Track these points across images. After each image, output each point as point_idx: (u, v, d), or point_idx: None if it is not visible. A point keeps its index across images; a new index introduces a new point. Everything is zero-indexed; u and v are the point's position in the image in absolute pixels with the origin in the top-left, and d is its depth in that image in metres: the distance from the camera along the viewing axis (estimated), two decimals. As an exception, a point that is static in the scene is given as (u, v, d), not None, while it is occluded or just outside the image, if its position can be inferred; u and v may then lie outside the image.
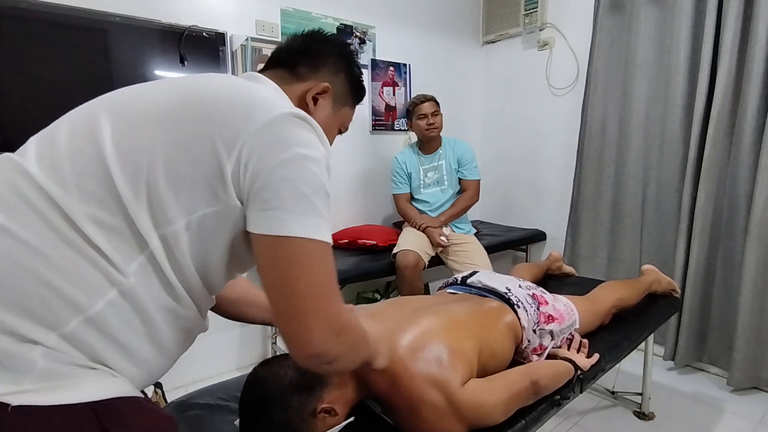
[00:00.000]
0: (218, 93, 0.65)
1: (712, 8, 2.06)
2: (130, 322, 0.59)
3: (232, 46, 2.16)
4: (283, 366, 0.90)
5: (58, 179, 0.58)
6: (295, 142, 0.62)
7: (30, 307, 0.53)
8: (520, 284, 1.37)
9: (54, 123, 0.66)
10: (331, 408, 0.89)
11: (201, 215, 0.61)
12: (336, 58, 0.83)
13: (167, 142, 0.60)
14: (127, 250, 0.58)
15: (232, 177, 0.60)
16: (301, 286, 0.61)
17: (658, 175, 2.36)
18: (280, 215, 0.60)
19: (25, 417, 0.52)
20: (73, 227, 0.56)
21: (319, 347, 0.62)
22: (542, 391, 1.09)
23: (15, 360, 0.53)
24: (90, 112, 0.65)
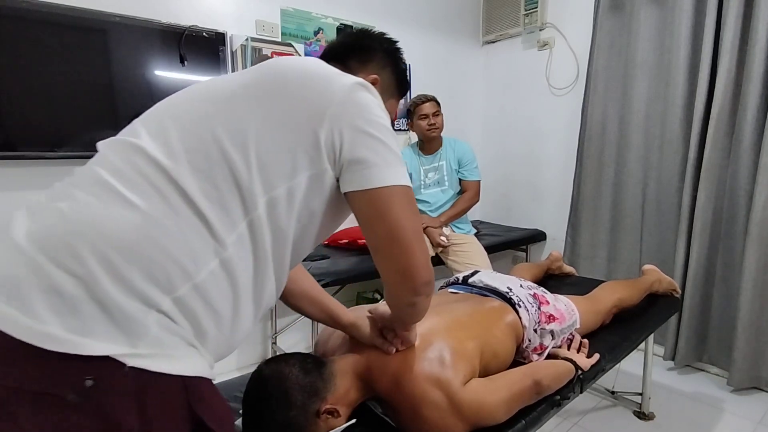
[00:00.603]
0: (300, 70, 0.73)
1: (712, 8, 2.07)
2: (224, 290, 0.64)
3: (232, 46, 2.16)
4: (289, 364, 0.90)
5: (172, 156, 0.64)
6: (371, 106, 0.72)
7: (153, 272, 0.58)
8: (521, 284, 1.37)
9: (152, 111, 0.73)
10: (334, 409, 0.90)
11: (299, 179, 0.68)
12: (383, 54, 0.91)
13: (266, 115, 0.67)
14: (230, 221, 0.64)
15: (324, 143, 0.68)
16: (408, 227, 0.71)
17: (658, 175, 2.36)
18: (380, 169, 0.69)
19: (137, 378, 0.56)
20: (185, 200, 0.62)
21: (428, 275, 0.74)
22: (544, 390, 1.09)
23: (135, 324, 0.57)
24: (188, 99, 0.72)
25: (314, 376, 0.89)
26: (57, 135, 1.73)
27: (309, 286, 1.04)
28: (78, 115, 1.76)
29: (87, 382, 0.54)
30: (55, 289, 0.55)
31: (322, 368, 0.93)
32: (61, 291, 0.55)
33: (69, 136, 1.75)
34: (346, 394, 0.94)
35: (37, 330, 0.53)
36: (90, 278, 0.56)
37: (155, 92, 1.91)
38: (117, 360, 0.55)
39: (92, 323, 0.55)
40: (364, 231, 0.73)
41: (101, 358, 0.54)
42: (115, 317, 0.56)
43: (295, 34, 2.38)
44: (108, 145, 0.69)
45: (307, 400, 0.87)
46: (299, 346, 2.54)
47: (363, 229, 0.73)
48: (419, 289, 0.75)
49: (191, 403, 0.61)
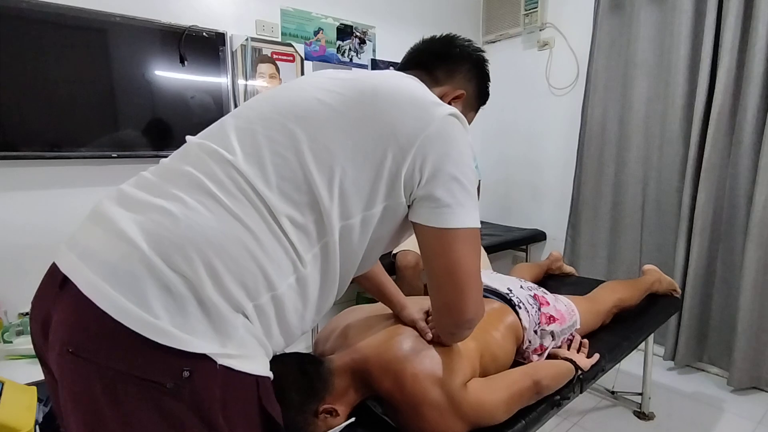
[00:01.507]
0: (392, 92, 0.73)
1: (712, 8, 2.07)
2: (296, 304, 0.70)
3: (232, 46, 2.16)
4: (287, 364, 0.90)
5: (265, 180, 0.67)
6: (460, 143, 0.73)
7: (243, 278, 0.63)
8: (521, 285, 1.37)
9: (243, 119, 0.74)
10: (332, 408, 0.90)
11: (375, 211, 0.72)
12: (471, 66, 0.91)
13: (354, 144, 0.69)
14: (308, 243, 0.69)
15: (405, 177, 0.70)
16: (466, 268, 0.74)
17: (658, 175, 2.36)
18: (452, 211, 0.71)
19: (225, 376, 0.61)
20: (274, 219, 0.66)
21: (472, 314, 0.78)
22: (544, 390, 1.09)
23: (227, 326, 0.62)
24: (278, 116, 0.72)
25: (311, 376, 0.89)
26: (57, 135, 1.73)
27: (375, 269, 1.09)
28: (78, 115, 1.76)
29: (185, 373, 0.59)
30: (168, 288, 0.60)
31: (320, 368, 0.93)
32: (172, 290, 0.60)
33: (69, 136, 1.75)
34: (345, 394, 0.94)
35: (150, 323, 0.58)
36: (197, 281, 0.61)
37: (155, 92, 1.91)
38: (212, 358, 0.60)
39: (195, 322, 0.60)
40: (423, 259, 0.77)
41: (199, 354, 0.60)
42: (213, 319, 0.61)
43: (295, 34, 2.38)
44: (206, 152, 0.71)
45: (305, 400, 0.87)
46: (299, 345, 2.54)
47: (423, 258, 0.77)
48: (462, 324, 0.80)
49: (262, 399, 0.66)
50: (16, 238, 1.72)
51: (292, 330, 0.72)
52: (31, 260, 1.74)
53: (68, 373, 0.60)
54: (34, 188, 1.75)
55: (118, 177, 1.92)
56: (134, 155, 1.91)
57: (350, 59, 2.59)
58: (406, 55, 0.93)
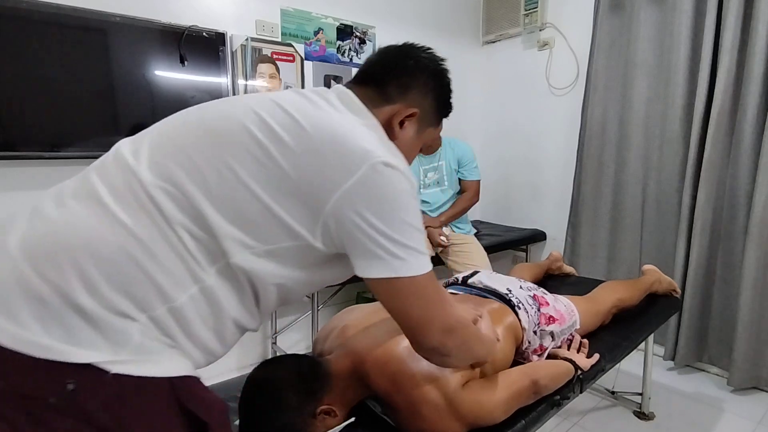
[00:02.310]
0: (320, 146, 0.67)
1: (712, 8, 2.06)
2: (204, 316, 0.66)
3: (232, 46, 2.16)
4: (283, 366, 0.90)
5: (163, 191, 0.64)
6: (387, 192, 0.67)
7: (130, 290, 0.60)
8: (521, 285, 1.37)
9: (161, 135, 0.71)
10: (330, 409, 0.89)
11: (282, 246, 0.68)
12: (426, 79, 0.84)
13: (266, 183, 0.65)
14: (210, 257, 0.65)
15: (322, 227, 0.67)
16: (416, 311, 0.72)
17: (658, 175, 2.36)
18: (385, 263, 0.67)
19: (120, 383, 0.58)
20: (170, 228, 0.63)
21: (434, 343, 0.75)
22: (542, 390, 1.09)
23: (117, 333, 0.59)
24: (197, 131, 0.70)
25: (309, 378, 0.89)
26: (57, 135, 1.73)
27: None
28: (78, 115, 1.76)
29: (68, 386, 0.56)
30: (40, 299, 0.57)
31: (318, 369, 0.93)
32: (46, 300, 0.57)
33: (69, 137, 1.75)
34: (343, 394, 0.93)
35: (20, 336, 0.55)
36: (69, 289, 0.58)
37: (155, 92, 1.91)
38: (100, 367, 0.57)
39: (76, 332, 0.57)
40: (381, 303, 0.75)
41: (84, 365, 0.56)
42: (98, 327, 0.58)
43: (295, 34, 2.38)
44: (115, 156, 0.70)
45: (303, 401, 0.87)
46: (299, 346, 2.54)
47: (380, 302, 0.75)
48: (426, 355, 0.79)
49: (181, 400, 0.63)
50: (16, 238, 1.72)
51: (208, 344, 0.68)
52: (31, 260, 1.74)
53: None
54: (34, 188, 1.75)
55: (118, 177, 1.92)
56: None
57: (350, 59, 2.59)
58: (362, 65, 0.85)
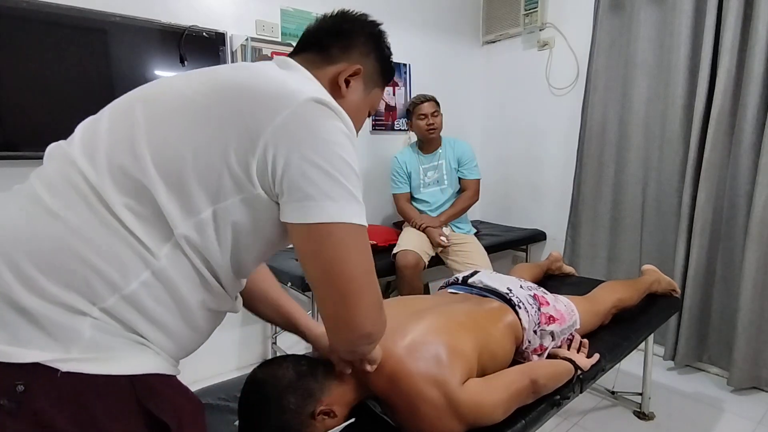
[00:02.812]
0: (247, 85, 0.65)
1: (712, 8, 2.06)
2: (163, 301, 0.62)
3: (232, 46, 2.16)
4: (282, 367, 0.90)
5: (97, 169, 0.62)
6: (321, 129, 0.63)
7: (74, 283, 0.58)
8: (521, 284, 1.37)
9: (100, 111, 0.70)
10: (330, 410, 0.89)
11: (226, 204, 0.63)
12: (366, 38, 0.83)
13: (196, 134, 0.62)
14: (158, 235, 0.61)
15: (257, 169, 0.62)
16: (347, 271, 0.64)
17: (658, 175, 2.36)
18: (317, 203, 0.62)
19: (73, 382, 0.56)
20: (111, 213, 0.60)
21: (369, 327, 0.68)
22: (542, 390, 1.09)
23: (65, 330, 0.57)
24: (128, 105, 0.68)
25: (308, 378, 0.89)
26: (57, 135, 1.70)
27: (268, 286, 0.98)
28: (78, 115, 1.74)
29: (18, 388, 0.54)
30: None
31: (317, 369, 0.93)
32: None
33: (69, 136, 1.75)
34: (342, 395, 0.93)
35: None
36: (6, 288, 0.56)
37: (155, 92, 1.91)
38: (49, 366, 0.56)
39: (20, 332, 0.56)
40: (302, 266, 0.67)
41: (32, 364, 0.55)
42: (43, 325, 0.56)
43: (295, 34, 2.38)
44: (50, 153, 0.68)
45: (301, 402, 0.87)
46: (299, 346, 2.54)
47: (301, 264, 0.67)
48: (356, 342, 0.69)
49: (141, 400, 0.60)
50: (16, 238, 1.72)
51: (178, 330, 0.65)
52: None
53: None
54: (34, 188, 1.75)
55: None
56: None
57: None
58: (300, 36, 0.85)
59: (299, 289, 2.08)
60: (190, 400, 0.69)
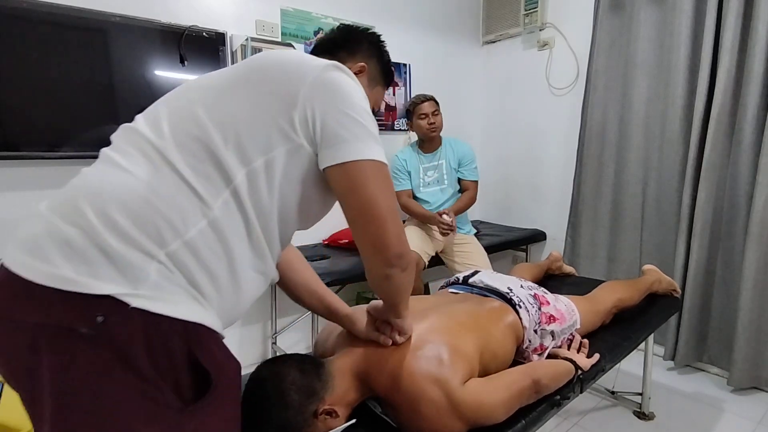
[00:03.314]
0: (279, 59, 0.80)
1: (712, 8, 2.07)
2: (216, 250, 0.71)
3: (232, 46, 2.16)
4: (286, 365, 0.90)
5: (162, 136, 0.73)
6: (343, 86, 0.78)
7: (146, 228, 0.66)
8: (521, 284, 1.37)
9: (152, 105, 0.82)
10: (332, 410, 0.90)
11: (276, 153, 0.74)
12: (368, 45, 0.99)
13: (245, 99, 0.75)
14: (213, 190, 0.71)
15: (299, 120, 0.74)
16: (378, 200, 0.76)
17: (658, 175, 2.36)
18: (350, 146, 0.75)
19: (140, 318, 0.63)
20: (173, 170, 0.70)
21: (399, 248, 0.79)
22: (543, 390, 1.09)
23: (135, 269, 0.65)
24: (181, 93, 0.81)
25: (311, 378, 0.89)
26: (57, 135, 1.73)
27: (308, 276, 1.08)
28: (78, 115, 1.76)
29: (98, 318, 0.62)
30: (65, 240, 0.64)
31: (320, 369, 0.93)
32: (70, 241, 0.64)
33: (69, 136, 1.75)
34: (345, 395, 0.93)
35: (53, 273, 0.62)
36: (90, 229, 0.65)
37: (155, 92, 1.91)
38: (121, 300, 0.63)
39: (98, 268, 0.63)
40: (341, 206, 0.79)
41: (108, 297, 0.62)
42: (118, 263, 0.64)
43: (295, 34, 2.38)
44: (116, 133, 0.79)
45: (305, 401, 0.87)
46: (299, 346, 2.54)
47: (340, 204, 0.79)
48: (391, 260, 0.80)
49: (190, 346, 0.66)
50: (16, 238, 1.72)
51: (222, 282, 0.72)
52: (31, 260, 1.74)
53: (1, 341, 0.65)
54: (34, 188, 1.75)
55: (118, 177, 1.92)
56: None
57: (350, 59, 2.59)
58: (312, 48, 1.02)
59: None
60: (231, 359, 0.74)
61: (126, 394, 0.63)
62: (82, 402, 0.62)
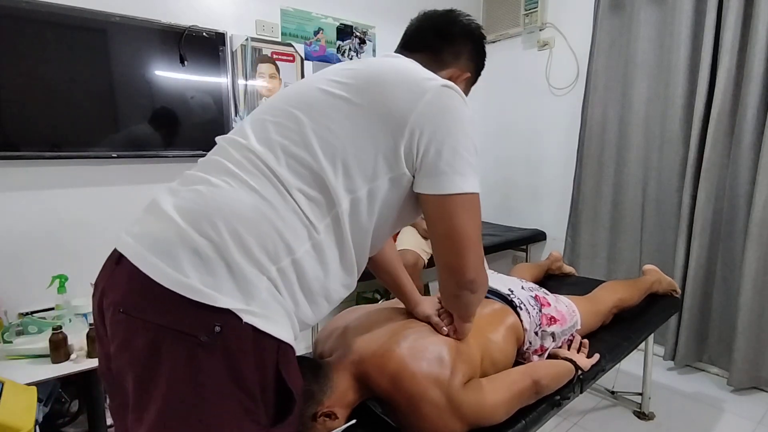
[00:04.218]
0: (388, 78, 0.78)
1: (712, 8, 2.07)
2: (315, 270, 0.75)
3: (232, 46, 2.16)
4: None
5: (275, 158, 0.75)
6: (454, 113, 0.77)
7: (266, 244, 0.70)
8: (522, 285, 1.37)
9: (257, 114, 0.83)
10: (331, 412, 0.89)
11: (379, 183, 0.77)
12: (472, 47, 0.95)
13: (352, 126, 0.75)
14: (320, 214, 0.75)
15: (404, 151, 0.76)
16: (465, 231, 0.79)
17: (658, 175, 2.36)
18: (449, 178, 0.76)
19: (251, 333, 0.67)
20: (287, 191, 0.73)
21: (473, 274, 0.83)
22: (543, 390, 1.08)
23: (250, 285, 0.68)
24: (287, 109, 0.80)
25: (309, 380, 0.89)
26: (57, 135, 1.73)
27: (392, 257, 1.14)
28: (78, 115, 1.76)
29: (216, 328, 0.65)
30: (196, 251, 0.67)
31: (318, 371, 0.93)
32: (201, 253, 0.67)
33: (69, 136, 1.75)
34: (344, 396, 0.93)
35: (182, 281, 0.65)
36: (222, 244, 0.68)
37: (155, 92, 1.91)
38: (236, 314, 0.66)
39: (221, 281, 0.67)
40: (428, 226, 0.82)
41: (226, 310, 0.66)
42: (237, 278, 0.68)
43: (295, 34, 2.38)
44: (227, 142, 0.81)
45: (303, 404, 0.87)
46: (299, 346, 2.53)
47: (427, 225, 0.82)
48: (463, 285, 0.85)
49: (279, 363, 0.70)
50: (16, 239, 1.72)
51: (316, 298, 0.77)
52: (30, 260, 1.74)
53: (120, 332, 0.68)
54: (34, 188, 1.75)
55: (118, 177, 1.92)
56: (134, 155, 1.91)
57: (350, 59, 2.59)
58: (407, 32, 0.96)
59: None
60: (299, 377, 0.78)
61: (231, 409, 0.66)
62: (190, 409, 0.65)
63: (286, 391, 0.72)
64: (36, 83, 1.66)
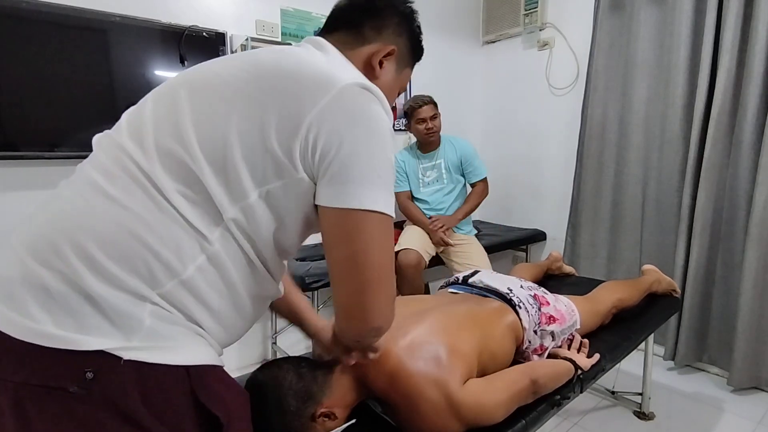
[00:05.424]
0: (289, 69, 0.65)
1: (712, 8, 2.06)
2: (216, 286, 0.64)
3: (232, 46, 2.16)
4: (283, 369, 0.90)
5: (148, 155, 0.62)
6: (362, 116, 0.64)
7: (136, 268, 0.58)
8: (521, 284, 1.37)
9: (143, 99, 0.70)
10: (330, 412, 0.89)
11: (271, 188, 0.64)
12: (399, 18, 0.82)
13: (240, 119, 0.62)
14: (210, 220, 0.62)
15: (300, 152, 0.62)
16: (371, 261, 0.64)
17: (658, 175, 2.36)
18: (350, 189, 0.62)
19: (135, 370, 0.57)
20: (165, 199, 0.60)
21: (380, 321, 0.68)
22: (542, 390, 1.09)
23: (127, 318, 0.58)
24: (171, 90, 0.68)
25: (308, 380, 0.89)
26: (57, 135, 1.73)
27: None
28: (78, 115, 1.76)
29: (87, 375, 0.55)
30: (43, 287, 0.56)
31: (317, 371, 0.93)
32: (48, 288, 0.56)
33: (69, 136, 1.75)
34: (343, 396, 0.93)
35: (31, 328, 0.55)
36: (72, 274, 0.57)
37: (155, 92, 1.91)
38: (112, 354, 0.56)
39: (84, 319, 0.56)
40: (325, 250, 0.67)
41: (97, 352, 0.56)
42: (106, 312, 0.57)
43: (295, 34, 2.38)
44: (99, 141, 0.70)
45: (302, 405, 0.87)
46: (299, 346, 2.54)
47: (324, 248, 0.67)
48: (365, 334, 0.71)
49: (193, 389, 0.61)
50: (16, 238, 1.72)
51: (227, 317, 0.66)
52: (31, 260, 1.74)
53: None
54: (34, 188, 1.75)
55: (118, 177, 1.92)
56: (134, 155, 1.91)
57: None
58: (330, 13, 0.83)
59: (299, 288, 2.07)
60: (239, 393, 0.69)
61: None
62: None
63: (212, 417, 0.62)
64: (36, 83, 1.66)
